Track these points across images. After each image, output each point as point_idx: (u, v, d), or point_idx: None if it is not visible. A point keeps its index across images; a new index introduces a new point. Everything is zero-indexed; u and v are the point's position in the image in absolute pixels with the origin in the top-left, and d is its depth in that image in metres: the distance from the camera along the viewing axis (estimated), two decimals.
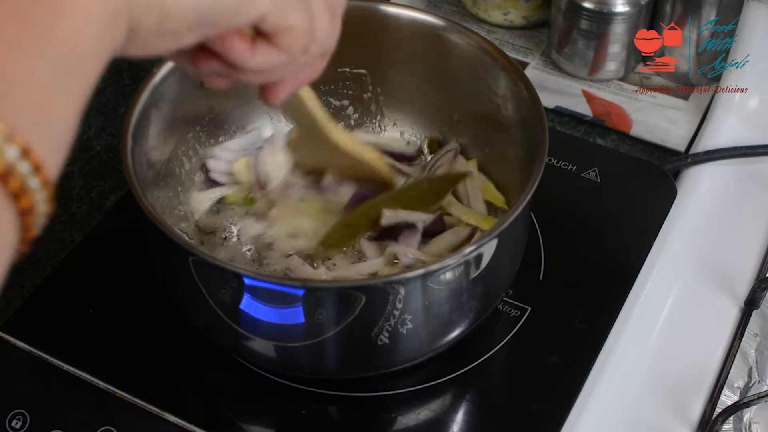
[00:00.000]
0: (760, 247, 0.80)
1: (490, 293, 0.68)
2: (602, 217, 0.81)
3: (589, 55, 0.93)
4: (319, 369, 0.67)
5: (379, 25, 0.76)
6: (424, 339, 0.65)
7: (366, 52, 0.79)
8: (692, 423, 0.69)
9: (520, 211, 0.62)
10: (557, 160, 0.83)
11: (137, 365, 0.70)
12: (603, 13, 0.90)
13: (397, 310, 0.60)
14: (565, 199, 0.81)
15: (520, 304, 0.73)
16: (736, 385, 0.72)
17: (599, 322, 0.72)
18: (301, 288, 0.60)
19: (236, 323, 0.63)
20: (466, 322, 0.66)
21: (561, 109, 0.93)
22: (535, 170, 0.63)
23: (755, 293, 0.75)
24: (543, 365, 0.70)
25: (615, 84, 0.95)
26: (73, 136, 0.40)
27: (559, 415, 0.67)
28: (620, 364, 0.71)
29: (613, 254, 0.77)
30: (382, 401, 0.69)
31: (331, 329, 0.62)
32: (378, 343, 0.62)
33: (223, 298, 0.62)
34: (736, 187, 0.85)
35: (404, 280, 0.60)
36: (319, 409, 0.69)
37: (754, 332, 0.75)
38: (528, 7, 0.99)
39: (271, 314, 0.61)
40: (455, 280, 0.62)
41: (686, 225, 0.81)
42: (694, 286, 0.78)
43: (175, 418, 0.67)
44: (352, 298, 0.60)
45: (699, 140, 0.89)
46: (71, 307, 0.73)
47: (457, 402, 0.69)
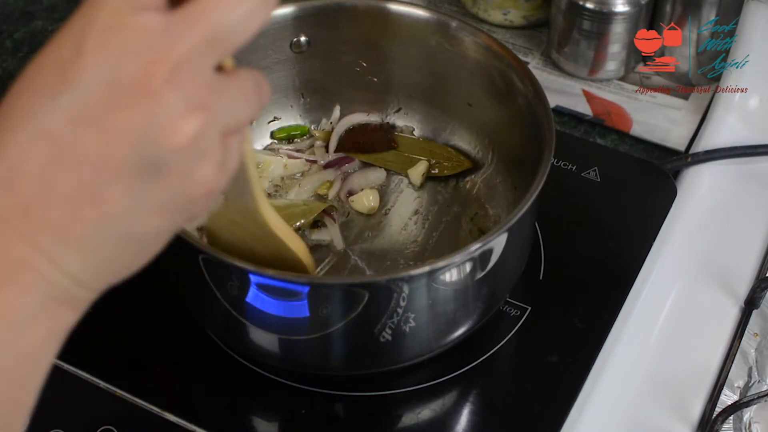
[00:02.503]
0: (760, 247, 0.80)
1: (495, 293, 0.68)
2: (602, 217, 0.81)
3: (589, 55, 0.93)
4: (321, 365, 0.67)
5: (382, 22, 0.77)
6: (426, 338, 0.65)
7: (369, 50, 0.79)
8: (692, 423, 0.69)
9: (527, 208, 0.62)
10: (557, 159, 0.83)
11: (137, 365, 0.70)
12: (603, 13, 0.90)
13: (400, 307, 0.60)
14: (565, 198, 0.81)
15: (520, 303, 0.73)
16: (736, 384, 0.72)
17: (599, 322, 0.72)
18: (307, 285, 0.61)
19: (243, 317, 0.64)
20: (470, 321, 0.66)
21: (561, 109, 0.93)
22: (543, 166, 0.64)
23: (755, 293, 0.75)
24: (543, 365, 0.70)
25: (615, 84, 0.95)
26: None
27: (559, 415, 0.67)
28: (620, 364, 0.71)
29: (613, 254, 0.77)
30: (382, 401, 0.69)
31: (333, 325, 0.62)
32: (380, 340, 0.63)
33: (230, 294, 0.62)
34: (736, 187, 0.85)
35: (408, 277, 0.60)
36: (320, 408, 0.69)
37: (754, 332, 0.75)
38: (528, 6, 0.99)
39: (276, 309, 0.61)
40: (460, 279, 0.62)
41: (686, 225, 0.81)
42: (694, 286, 0.78)
43: (176, 417, 0.67)
44: (355, 294, 0.60)
45: (699, 140, 0.89)
46: None
47: (457, 402, 0.69)
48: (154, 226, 0.40)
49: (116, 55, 0.37)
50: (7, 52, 0.99)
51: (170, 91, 0.37)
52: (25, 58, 0.99)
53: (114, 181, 0.38)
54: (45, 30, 1.02)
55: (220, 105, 0.40)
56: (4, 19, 1.03)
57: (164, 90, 0.37)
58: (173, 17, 0.38)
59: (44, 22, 1.03)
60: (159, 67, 0.37)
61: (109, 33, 0.37)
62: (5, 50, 0.99)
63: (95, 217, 0.38)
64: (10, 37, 1.01)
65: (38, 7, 1.04)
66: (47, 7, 1.04)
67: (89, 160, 0.37)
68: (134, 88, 0.37)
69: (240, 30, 0.39)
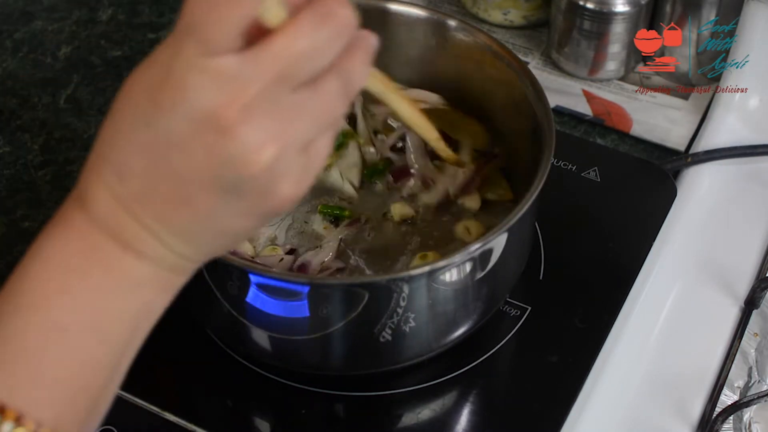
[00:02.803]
0: (760, 247, 0.80)
1: (495, 293, 0.68)
2: (602, 217, 0.81)
3: (589, 55, 0.93)
4: (321, 365, 0.67)
5: (382, 22, 0.77)
6: (426, 338, 0.65)
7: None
8: (692, 423, 0.69)
9: (527, 208, 0.62)
10: (557, 159, 0.83)
11: (137, 365, 0.70)
12: (603, 13, 0.90)
13: (400, 307, 0.61)
14: (565, 198, 0.81)
15: (520, 303, 0.73)
16: (736, 384, 0.72)
17: (599, 322, 0.72)
18: (307, 285, 0.61)
19: (243, 317, 0.64)
20: (470, 321, 0.66)
21: (561, 109, 0.93)
22: (543, 166, 0.64)
23: (755, 293, 0.75)
24: (543, 365, 0.70)
25: (615, 84, 0.95)
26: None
27: (559, 415, 0.67)
28: (620, 364, 0.71)
29: (613, 254, 0.77)
30: (382, 401, 0.69)
31: (333, 325, 0.62)
32: (380, 340, 0.63)
33: (230, 294, 0.63)
34: (736, 187, 0.85)
35: (408, 277, 0.60)
36: (320, 408, 0.69)
37: (754, 332, 0.75)
38: (528, 6, 0.99)
39: (277, 309, 0.61)
40: (460, 279, 0.62)
41: (686, 225, 0.81)
42: (694, 286, 0.78)
43: (176, 417, 0.67)
44: (355, 294, 0.60)
45: (699, 140, 0.89)
46: None
47: (457, 402, 0.69)
48: (241, 225, 0.45)
49: (193, 92, 0.41)
50: (7, 52, 0.99)
51: (243, 129, 0.41)
52: (24, 58, 0.99)
53: (202, 192, 0.43)
54: (45, 30, 1.02)
55: (297, 127, 0.43)
56: (4, 19, 1.03)
57: (236, 128, 0.41)
58: (245, 58, 0.41)
59: (44, 22, 1.03)
60: (231, 109, 0.41)
61: (188, 74, 0.41)
62: (5, 50, 0.99)
63: (189, 214, 0.44)
64: (10, 37, 1.01)
65: (38, 7, 1.04)
66: (47, 7, 1.04)
67: (180, 175, 0.42)
68: (208, 126, 0.41)
69: (309, 59, 0.42)
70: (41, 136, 0.91)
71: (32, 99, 0.95)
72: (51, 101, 0.94)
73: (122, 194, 0.43)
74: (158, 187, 0.43)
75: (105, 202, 0.44)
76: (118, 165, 0.43)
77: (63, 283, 0.44)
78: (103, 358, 0.45)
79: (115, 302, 0.45)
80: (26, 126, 0.92)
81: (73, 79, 0.96)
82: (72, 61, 0.98)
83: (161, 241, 0.44)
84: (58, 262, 0.44)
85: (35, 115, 0.93)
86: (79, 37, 1.01)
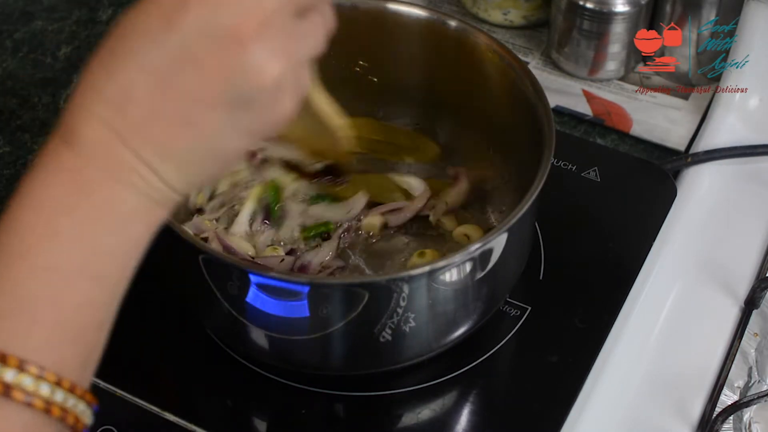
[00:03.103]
0: (760, 247, 0.81)
1: (495, 293, 0.68)
2: (602, 217, 0.81)
3: (589, 55, 0.93)
4: (321, 365, 0.67)
5: (382, 22, 0.77)
6: (426, 338, 0.65)
7: (369, 50, 0.79)
8: (692, 423, 0.69)
9: (527, 208, 0.62)
10: (557, 159, 0.83)
11: (137, 365, 0.70)
12: (603, 12, 0.90)
13: (400, 307, 0.60)
14: (565, 198, 0.81)
15: (520, 303, 0.73)
16: (736, 384, 0.72)
17: (599, 322, 0.72)
18: (307, 285, 0.61)
19: (243, 317, 0.64)
20: (470, 321, 0.66)
21: (561, 109, 0.93)
22: (543, 166, 0.64)
23: (755, 293, 0.75)
24: (543, 365, 0.70)
25: (615, 84, 0.95)
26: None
27: (559, 415, 0.67)
28: (620, 364, 0.71)
29: (613, 254, 0.77)
30: (382, 401, 0.69)
31: (333, 325, 0.62)
32: (380, 340, 0.63)
33: (230, 294, 0.63)
34: (736, 187, 0.85)
35: (408, 277, 0.60)
36: (320, 408, 0.69)
37: (754, 332, 0.75)
38: (528, 6, 0.99)
39: (277, 309, 0.61)
40: (460, 279, 0.62)
41: (686, 225, 0.81)
42: (694, 286, 0.78)
43: (176, 417, 0.67)
44: (355, 294, 0.60)
45: (699, 140, 0.89)
46: None
47: (457, 402, 0.69)
48: (236, 145, 0.47)
49: (213, 10, 0.43)
50: (7, 52, 0.99)
51: (258, 43, 0.44)
52: (25, 58, 0.99)
53: (208, 111, 0.45)
54: (45, 30, 1.02)
55: (297, 47, 0.47)
56: (4, 19, 1.03)
57: (253, 42, 0.44)
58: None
59: (44, 22, 1.03)
60: (248, 23, 0.44)
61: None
62: (5, 50, 0.99)
63: (191, 137, 0.45)
64: (10, 37, 1.01)
65: (38, 7, 1.04)
66: (47, 7, 1.04)
67: (188, 93, 0.44)
68: (227, 40, 0.43)
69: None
70: (41, 136, 0.91)
71: (32, 99, 0.95)
72: (51, 101, 0.94)
73: (120, 125, 0.44)
74: (161, 111, 0.44)
75: (98, 136, 0.44)
76: (118, 94, 0.44)
77: (53, 226, 0.44)
78: (97, 298, 0.46)
79: (106, 238, 0.45)
80: (26, 126, 0.92)
81: (73, 79, 0.96)
82: (72, 61, 0.98)
83: (154, 170, 0.45)
84: (46, 204, 0.44)
85: (35, 115, 0.93)
86: (79, 37, 1.01)
